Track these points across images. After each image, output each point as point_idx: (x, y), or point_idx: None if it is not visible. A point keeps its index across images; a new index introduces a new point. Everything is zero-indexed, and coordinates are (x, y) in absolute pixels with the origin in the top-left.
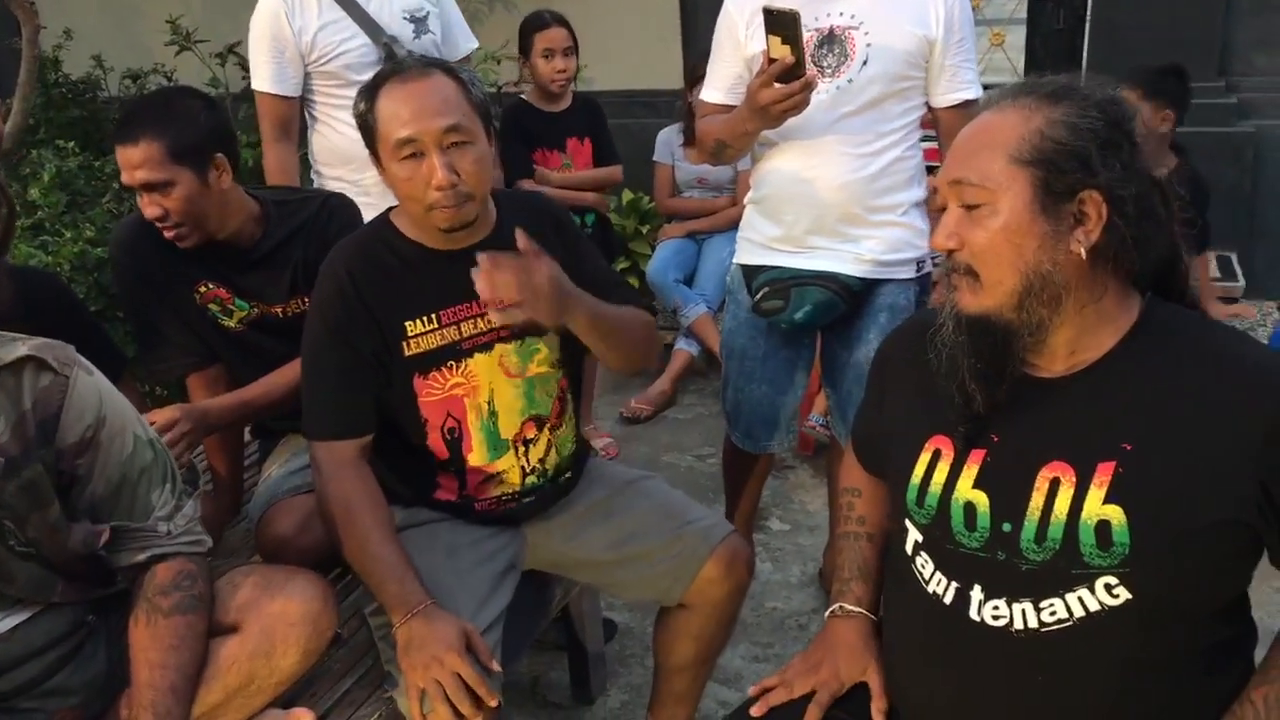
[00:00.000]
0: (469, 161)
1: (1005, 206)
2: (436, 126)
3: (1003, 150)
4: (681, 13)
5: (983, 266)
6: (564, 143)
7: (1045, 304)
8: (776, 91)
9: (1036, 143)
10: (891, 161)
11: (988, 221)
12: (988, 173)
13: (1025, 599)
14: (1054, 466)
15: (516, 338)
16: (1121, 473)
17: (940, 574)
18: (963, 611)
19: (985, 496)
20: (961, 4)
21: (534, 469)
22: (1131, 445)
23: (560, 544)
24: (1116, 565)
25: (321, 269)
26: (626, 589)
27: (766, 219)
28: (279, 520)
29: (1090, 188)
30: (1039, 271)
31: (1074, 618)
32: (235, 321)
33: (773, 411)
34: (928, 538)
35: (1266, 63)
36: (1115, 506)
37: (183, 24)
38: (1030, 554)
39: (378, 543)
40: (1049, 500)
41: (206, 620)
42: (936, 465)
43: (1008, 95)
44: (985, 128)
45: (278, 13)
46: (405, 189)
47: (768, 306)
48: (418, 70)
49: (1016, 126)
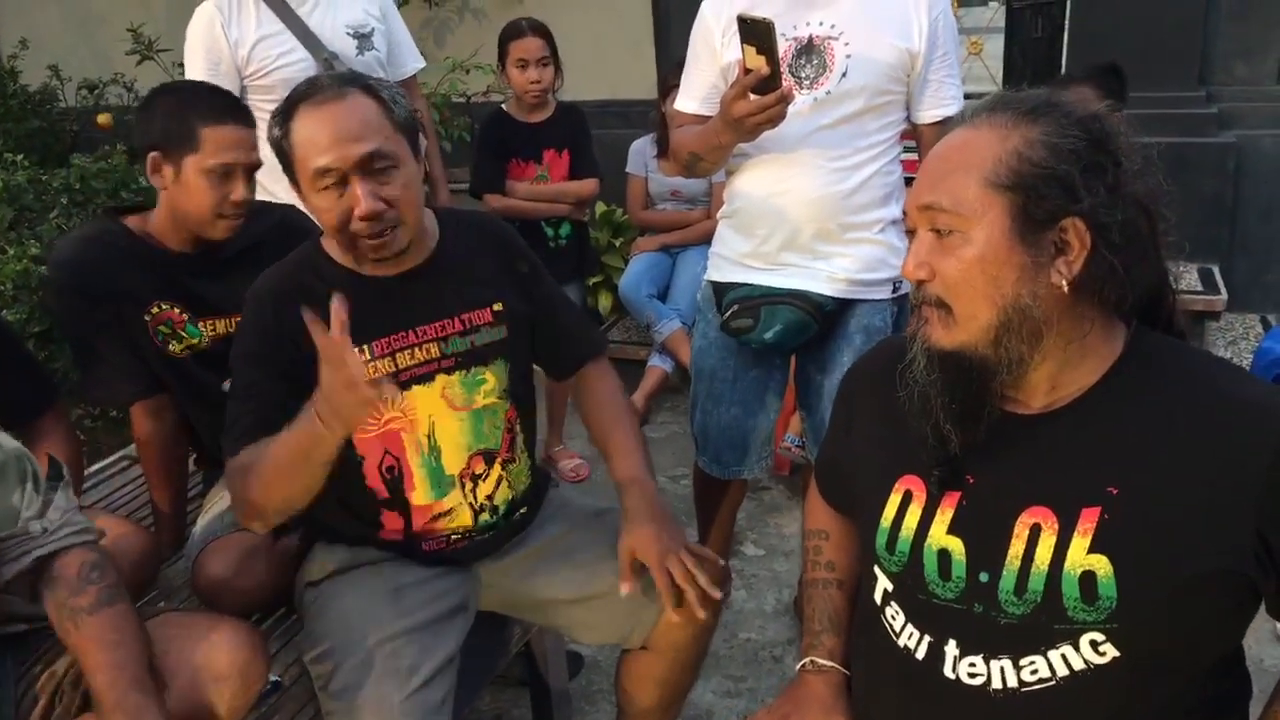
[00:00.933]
0: (396, 186)
1: (980, 235)
2: (356, 153)
3: (977, 173)
4: (654, 22)
5: (955, 299)
6: (540, 154)
7: (1025, 340)
8: (751, 104)
9: (1014, 165)
10: (869, 177)
11: (961, 251)
12: (961, 198)
13: (1004, 656)
14: (1034, 511)
15: (460, 368)
16: (1107, 519)
17: (912, 626)
18: (936, 668)
19: (961, 543)
20: (946, 17)
21: (484, 505)
22: (1117, 489)
23: (515, 583)
24: (1103, 621)
25: (247, 297)
26: (585, 631)
27: (738, 234)
28: (216, 560)
29: (1072, 214)
30: (1017, 305)
31: (1057, 677)
32: (182, 347)
33: (741, 435)
34: (898, 586)
35: (1247, 72)
36: (1101, 556)
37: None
38: (1009, 607)
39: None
40: (1029, 548)
41: (132, 607)
42: (908, 508)
43: (983, 111)
44: (958, 147)
45: (213, 22)
46: (328, 219)
47: (737, 325)
48: (333, 91)
49: (992, 146)
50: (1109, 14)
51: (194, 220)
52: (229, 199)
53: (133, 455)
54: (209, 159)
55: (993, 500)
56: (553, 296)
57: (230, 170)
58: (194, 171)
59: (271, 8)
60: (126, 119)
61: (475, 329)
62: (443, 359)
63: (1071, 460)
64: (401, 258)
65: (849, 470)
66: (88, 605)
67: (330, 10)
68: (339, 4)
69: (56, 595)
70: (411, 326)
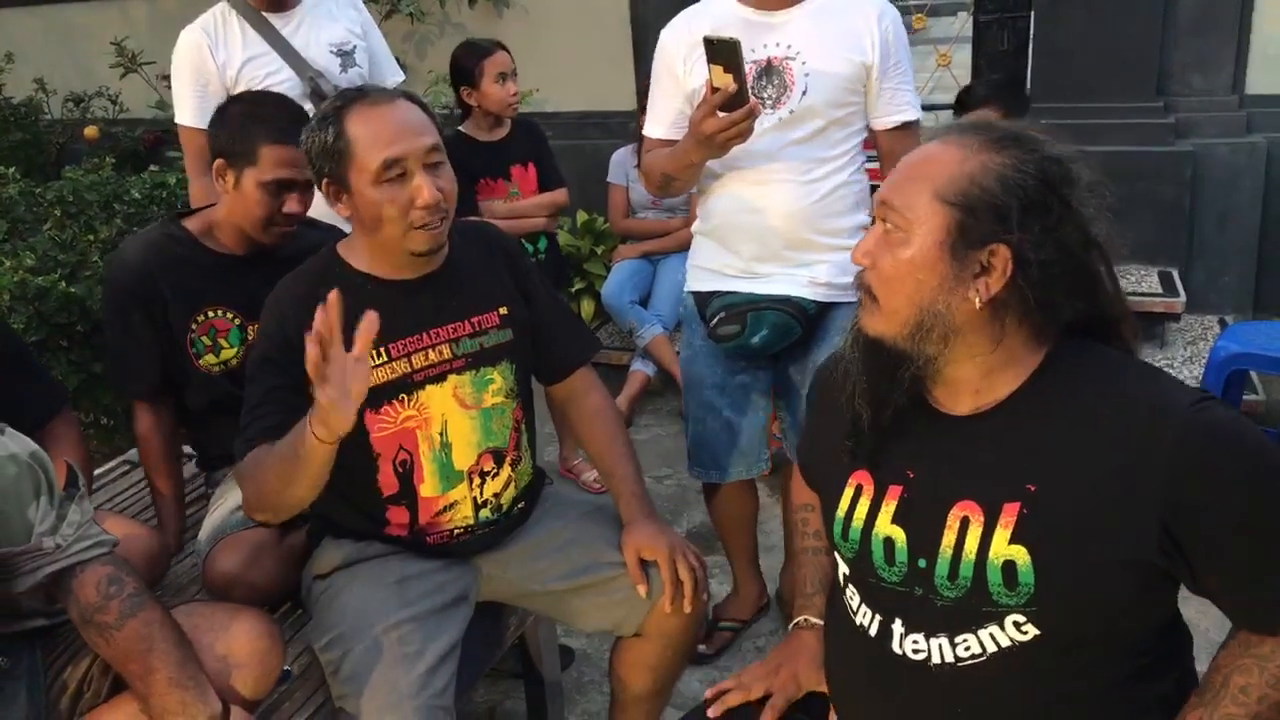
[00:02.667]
0: (448, 180)
1: (917, 240)
2: (421, 145)
3: (931, 185)
4: (633, 34)
5: (882, 291)
6: (508, 170)
7: (934, 342)
8: (720, 121)
9: (964, 186)
10: (837, 187)
11: (898, 250)
12: (912, 203)
13: (942, 634)
14: (964, 505)
15: (470, 368)
16: (1026, 514)
17: (866, 606)
18: (886, 645)
19: (903, 532)
20: (896, 28)
21: (487, 502)
22: (1035, 486)
23: (514, 575)
24: (1023, 604)
25: (267, 302)
26: (581, 620)
27: (719, 247)
28: (227, 556)
29: (1001, 242)
30: (932, 309)
31: (987, 653)
32: (217, 361)
33: (734, 437)
34: (853, 571)
35: (1203, 83)
36: (1020, 547)
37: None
38: (944, 590)
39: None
40: (960, 539)
41: (158, 607)
42: (859, 500)
43: (957, 130)
44: (925, 159)
45: (200, 45)
46: (386, 211)
47: (724, 332)
48: (385, 94)
49: (952, 165)
50: (1071, 28)
51: (248, 225)
52: (281, 210)
53: (133, 460)
54: (265, 174)
55: (929, 494)
56: (551, 302)
57: (286, 184)
58: (251, 183)
59: (256, 29)
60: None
61: (484, 331)
62: (454, 360)
63: (996, 459)
64: (425, 262)
65: (817, 467)
66: (113, 621)
67: (314, 30)
68: (322, 23)
69: (80, 612)
70: (427, 329)
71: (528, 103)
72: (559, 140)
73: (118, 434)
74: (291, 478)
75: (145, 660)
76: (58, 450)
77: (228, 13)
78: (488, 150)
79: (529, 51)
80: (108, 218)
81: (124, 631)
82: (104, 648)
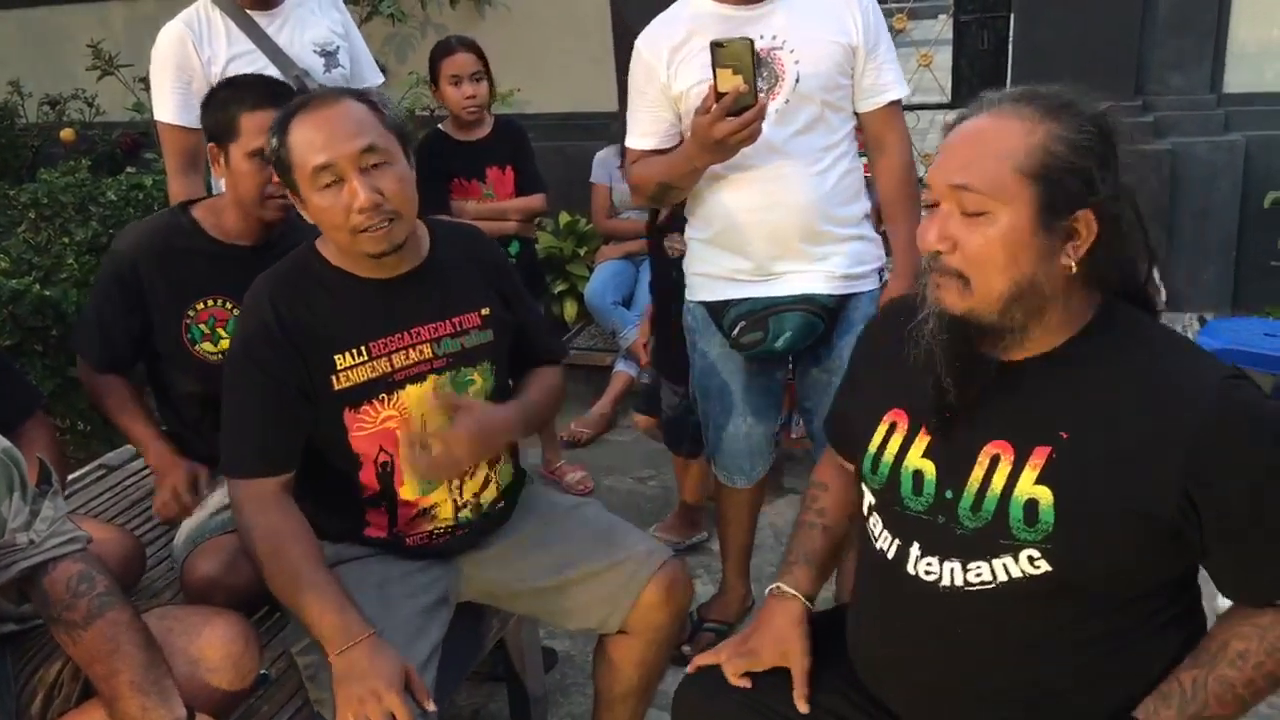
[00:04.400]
0: (391, 180)
1: (1006, 217)
2: (352, 148)
3: (1010, 160)
4: (614, 34)
5: (975, 272)
6: (484, 172)
7: (1029, 312)
8: (731, 124)
9: (1042, 157)
10: (843, 174)
11: (986, 229)
12: (994, 181)
13: (955, 559)
14: (996, 444)
15: (451, 368)
16: (1055, 458)
17: (887, 532)
18: (901, 566)
19: (933, 465)
20: (874, 7)
21: (467, 503)
22: (1068, 434)
23: (495, 574)
24: (1039, 540)
25: (245, 299)
26: (564, 618)
27: (727, 252)
28: (206, 560)
29: (1085, 206)
30: (1031, 282)
31: (996, 581)
32: (216, 349)
33: (759, 441)
34: (879, 500)
35: (1182, 82)
36: (1045, 488)
37: (105, 48)
38: (966, 521)
39: (311, 572)
40: (988, 474)
41: (128, 608)
42: (891, 436)
43: (1006, 101)
44: (987, 134)
45: (184, 40)
46: (329, 218)
47: (748, 340)
48: (326, 98)
49: (1022, 137)
50: (1050, 27)
51: (247, 203)
52: (272, 179)
53: (109, 464)
54: (250, 143)
55: (963, 431)
56: (528, 306)
57: None
58: (239, 158)
59: (241, 27)
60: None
61: (465, 331)
62: (435, 359)
63: (1034, 405)
64: (398, 261)
65: (852, 411)
66: (80, 619)
67: (298, 29)
68: (306, 22)
69: (50, 610)
70: (407, 328)
71: (509, 103)
72: (541, 141)
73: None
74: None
75: (110, 662)
76: (31, 450)
77: (210, 9)
78: (464, 150)
79: (511, 52)
80: (83, 220)
81: (90, 631)
82: (71, 647)
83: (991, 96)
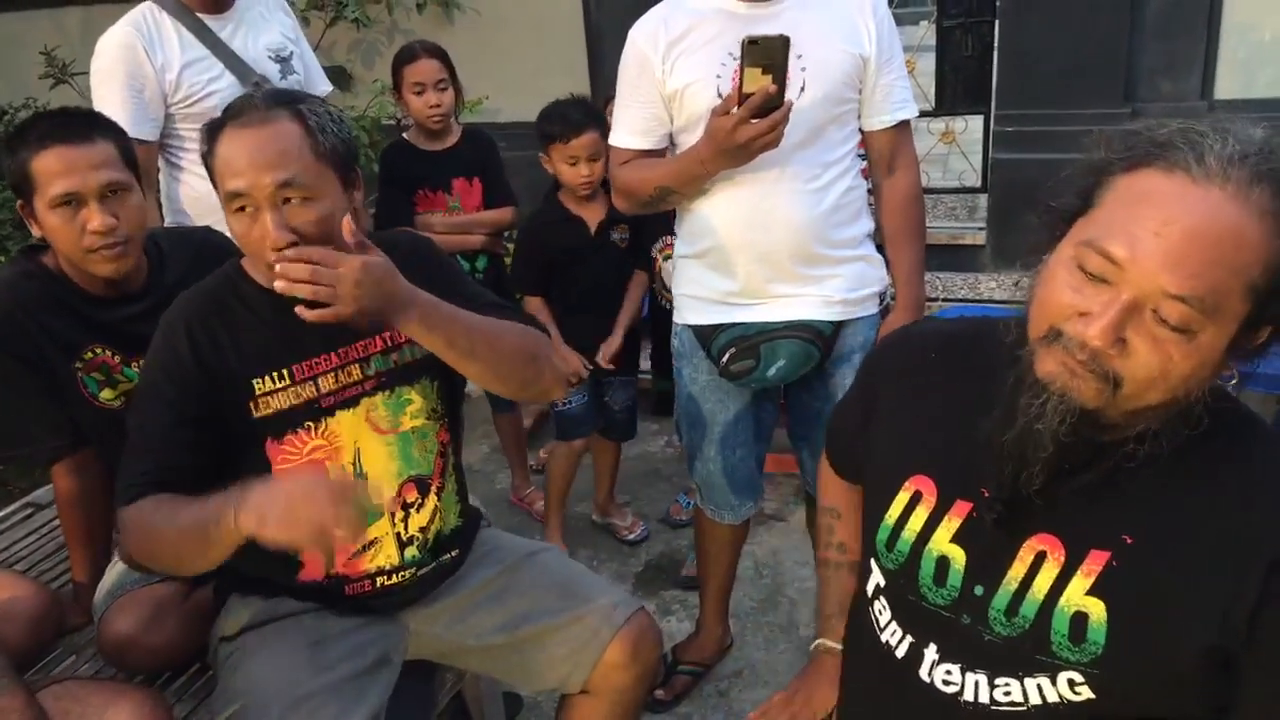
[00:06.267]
0: (311, 217)
1: (1209, 336)
2: (268, 181)
3: (1244, 277)
4: (587, 41)
5: (1135, 383)
6: (450, 183)
7: (1160, 417)
8: (755, 127)
9: (1275, 271)
10: (843, 193)
11: (1180, 346)
12: (1222, 300)
13: (982, 671)
14: (1043, 539)
15: (384, 388)
16: (1115, 566)
17: (896, 624)
18: (913, 669)
19: (963, 553)
20: (889, 19)
21: (412, 538)
22: (1133, 539)
23: (446, 630)
24: (1085, 664)
25: (162, 319)
26: (522, 677)
27: (715, 273)
28: (123, 616)
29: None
30: (1187, 395)
31: (1029, 704)
32: (116, 394)
33: (749, 474)
34: (891, 584)
35: (1170, 88)
36: (1098, 600)
37: (59, 55)
38: (997, 626)
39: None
40: (1030, 573)
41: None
42: (915, 509)
43: (1239, 170)
44: (1225, 236)
45: (133, 46)
46: (242, 244)
47: (738, 368)
48: (259, 114)
49: (1262, 244)
50: (1036, 33)
51: (75, 260)
52: (87, 230)
53: (37, 502)
54: (48, 192)
55: (1005, 518)
56: (474, 295)
57: (74, 198)
58: (44, 212)
59: (192, 31)
60: None
61: (397, 347)
62: (365, 380)
63: (1095, 499)
64: None
65: (862, 447)
66: None
67: (251, 33)
68: (258, 26)
69: None
70: (333, 349)
71: (478, 111)
72: (511, 151)
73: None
74: (192, 554)
75: None
76: None
77: (158, 13)
78: (429, 160)
79: (480, 59)
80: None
81: None
82: None
83: (1220, 153)
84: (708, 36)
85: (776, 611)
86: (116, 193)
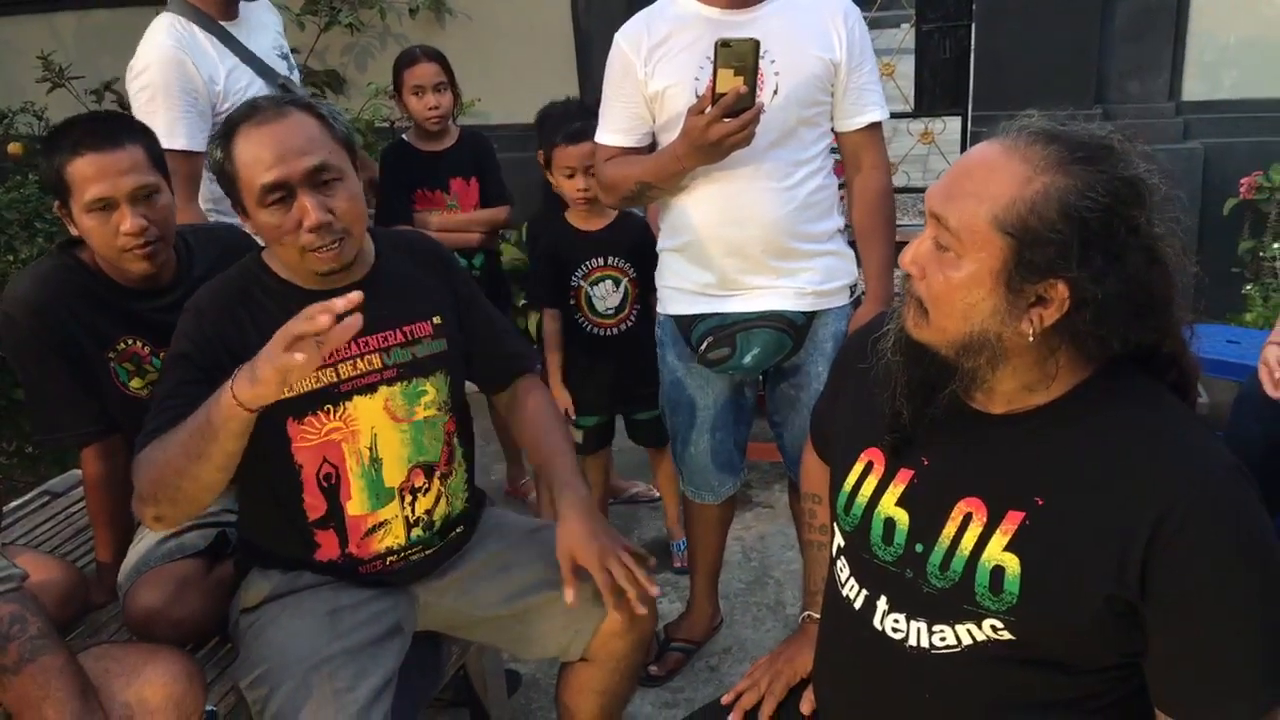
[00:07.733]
0: (342, 199)
1: (969, 264)
2: (302, 167)
3: (989, 207)
4: (576, 44)
5: (933, 308)
6: (447, 183)
7: (985, 363)
8: (728, 125)
9: (1023, 214)
10: (813, 190)
11: (949, 270)
12: (967, 224)
13: (921, 619)
14: (970, 501)
15: (402, 379)
16: (1027, 525)
17: (854, 580)
18: (868, 619)
19: (906, 515)
20: (861, 27)
21: (419, 520)
22: (1043, 500)
23: (453, 601)
24: (1003, 612)
25: (185, 307)
26: (525, 646)
27: (693, 266)
28: (149, 591)
29: (1060, 277)
30: (983, 334)
31: (961, 646)
32: (145, 384)
33: (728, 456)
34: (849, 544)
35: (1140, 90)
36: (1013, 556)
37: (55, 60)
38: (933, 579)
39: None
40: (959, 532)
41: (62, 653)
42: (867, 477)
43: (1029, 137)
44: (985, 168)
45: (181, 61)
46: (276, 235)
47: (714, 356)
48: (273, 110)
49: (1013, 186)
50: (1010, 36)
51: (109, 259)
52: (120, 231)
53: (53, 490)
54: (82, 197)
55: (939, 483)
56: (488, 311)
57: (107, 202)
58: (80, 214)
59: (220, 39)
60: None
61: (417, 340)
62: (385, 370)
63: (1011, 465)
64: (344, 271)
65: (832, 432)
66: (11, 664)
67: (259, 35)
68: (261, 28)
69: None
70: (357, 337)
71: (470, 114)
72: (503, 153)
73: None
74: (198, 453)
75: (39, 710)
76: None
77: (186, 24)
78: (427, 160)
79: (472, 63)
80: (29, 237)
81: (21, 676)
82: (1, 693)
83: (1026, 122)
84: (687, 41)
85: (764, 592)
86: (147, 195)
